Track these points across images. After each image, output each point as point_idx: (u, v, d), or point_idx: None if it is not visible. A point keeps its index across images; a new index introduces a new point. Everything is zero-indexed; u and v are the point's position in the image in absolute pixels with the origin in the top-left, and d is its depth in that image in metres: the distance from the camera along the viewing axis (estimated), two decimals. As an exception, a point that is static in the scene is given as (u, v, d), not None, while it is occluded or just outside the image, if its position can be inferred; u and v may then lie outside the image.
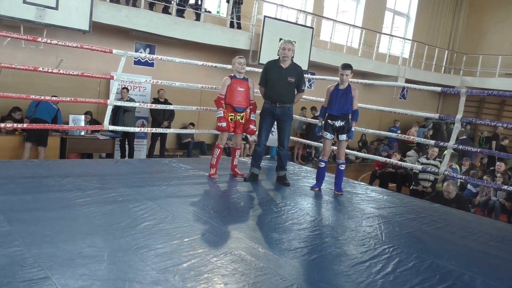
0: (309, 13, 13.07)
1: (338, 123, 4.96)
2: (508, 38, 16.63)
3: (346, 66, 4.92)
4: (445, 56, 16.54)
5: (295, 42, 5.28)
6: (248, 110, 5.22)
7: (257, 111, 5.38)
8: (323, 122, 5.08)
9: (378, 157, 8.30)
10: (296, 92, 5.22)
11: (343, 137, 5.00)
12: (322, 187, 5.18)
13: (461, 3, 18.05)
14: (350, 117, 4.98)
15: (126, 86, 9.17)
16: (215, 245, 3.11)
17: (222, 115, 5.06)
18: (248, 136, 11.14)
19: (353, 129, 5.01)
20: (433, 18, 17.30)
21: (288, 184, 5.20)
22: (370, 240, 3.56)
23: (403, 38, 15.91)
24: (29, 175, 4.37)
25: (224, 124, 5.04)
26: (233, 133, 5.32)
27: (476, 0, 17.77)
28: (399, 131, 14.44)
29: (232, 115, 5.11)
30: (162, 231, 3.22)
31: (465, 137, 11.12)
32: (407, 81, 14.36)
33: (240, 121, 5.16)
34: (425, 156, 8.68)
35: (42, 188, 3.96)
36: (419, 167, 6.74)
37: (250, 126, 5.20)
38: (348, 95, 4.91)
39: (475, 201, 8.07)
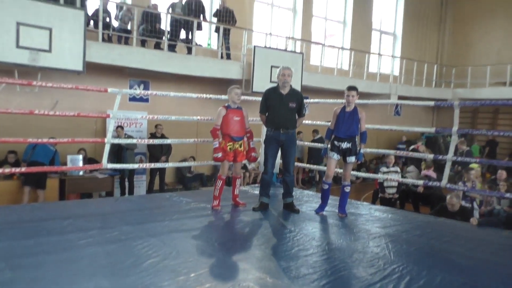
0: (297, 39, 13.28)
1: (345, 145, 4.95)
2: (494, 48, 16.90)
3: (351, 88, 4.97)
4: (435, 70, 16.75)
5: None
6: (245, 139, 5.23)
7: (260, 138, 5.38)
8: (329, 144, 5.07)
9: (379, 175, 8.27)
10: (297, 117, 5.24)
11: (351, 159, 4.98)
12: (326, 209, 5.14)
13: (445, 17, 18.42)
14: (357, 139, 4.98)
15: (120, 125, 9.20)
16: (222, 278, 3.05)
17: (217, 145, 5.07)
18: (247, 164, 11.21)
19: (362, 151, 5.00)
20: (419, 34, 17.60)
21: (298, 211, 5.13)
22: (379, 260, 3.52)
23: (392, 56, 16.14)
24: (29, 219, 4.32)
25: (220, 155, 5.05)
26: (232, 163, 5.31)
27: (459, 14, 18.13)
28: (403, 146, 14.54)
29: (230, 145, 5.11)
30: (167, 267, 3.17)
31: (468, 148, 11.10)
32: (400, 97, 14.48)
33: (239, 149, 5.16)
34: (384, 165, 8.74)
35: (43, 232, 3.91)
36: (384, 176, 6.95)
37: (252, 154, 5.23)
38: (355, 117, 4.93)
39: (479, 212, 8.00)
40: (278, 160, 5.85)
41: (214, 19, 11.14)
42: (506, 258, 3.79)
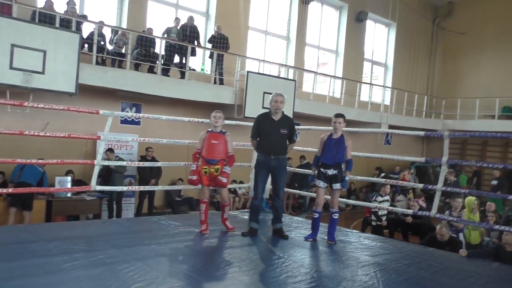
0: (290, 66, 13.48)
1: (331, 172, 4.98)
2: (483, 81, 17.25)
3: (339, 115, 5.04)
4: (425, 101, 17.01)
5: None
6: (224, 163, 5.17)
7: (251, 163, 5.38)
8: (316, 171, 5.09)
9: (369, 203, 8.27)
10: (288, 143, 5.27)
11: (336, 186, 5.01)
12: (315, 237, 5.11)
13: (435, 50, 18.83)
14: (343, 166, 5.01)
15: (110, 147, 9.15)
16: (208, 304, 3.00)
17: (194, 168, 5.08)
18: (237, 189, 11.17)
19: (347, 178, 5.03)
20: (410, 65, 17.95)
21: (287, 237, 5.11)
22: (367, 289, 3.48)
23: (383, 86, 16.39)
24: (14, 241, 4.24)
25: (194, 177, 5.07)
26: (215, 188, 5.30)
27: (450, 47, 18.56)
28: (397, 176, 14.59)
29: (206, 168, 5.09)
30: (153, 292, 3.11)
31: (456, 179, 11.20)
32: (390, 127, 14.62)
33: (215, 173, 5.10)
34: (379, 194, 8.85)
35: (27, 254, 3.83)
36: (379, 205, 6.95)
37: (219, 177, 5.07)
38: (341, 145, 4.98)
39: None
40: (268, 186, 5.84)
41: (209, 45, 11.28)
42: (495, 290, 3.78)
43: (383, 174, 14.31)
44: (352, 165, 5.04)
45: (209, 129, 5.22)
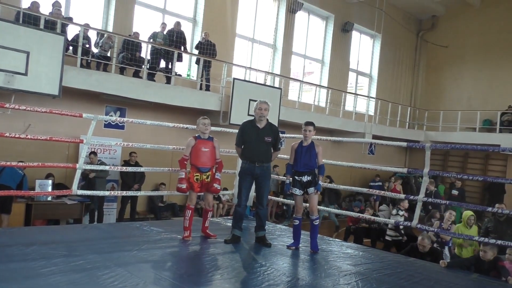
0: (277, 74, 13.54)
1: (305, 178, 5.03)
2: (465, 94, 17.59)
3: (309, 123, 5.10)
4: (408, 113, 17.25)
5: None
6: (214, 170, 5.21)
7: (236, 171, 5.37)
8: (290, 179, 5.13)
9: (351, 212, 8.31)
10: (272, 151, 5.28)
11: (311, 190, 5.05)
12: (298, 245, 5.12)
13: (418, 63, 19.14)
14: (316, 171, 5.05)
15: (94, 151, 9.05)
16: (189, 311, 2.97)
17: (183, 176, 5.07)
18: (221, 195, 11.13)
19: (320, 182, 5.07)
20: (394, 77, 18.21)
21: (270, 245, 5.11)
22: (348, 298, 3.49)
23: (367, 96, 16.57)
24: (-9, 245, 4.15)
25: (184, 186, 5.05)
26: (201, 194, 5.27)
27: (433, 60, 18.89)
28: (380, 184, 14.70)
29: (197, 175, 5.10)
30: (133, 299, 3.07)
31: (436, 189, 11.34)
32: (374, 137, 14.76)
33: (206, 180, 5.13)
34: (398, 208, 8.78)
35: (4, 258, 3.75)
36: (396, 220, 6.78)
37: (214, 184, 5.17)
38: (312, 151, 5.04)
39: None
40: (252, 193, 5.83)
41: (196, 51, 11.27)
42: (474, 300, 3.82)
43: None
44: (324, 170, 5.12)
45: (196, 135, 5.20)
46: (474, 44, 17.38)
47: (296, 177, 5.07)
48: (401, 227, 8.18)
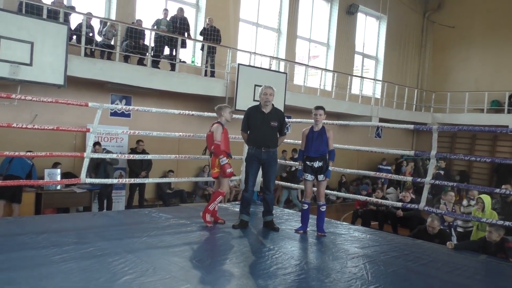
0: (282, 59, 13.45)
1: (317, 164, 5.01)
2: (472, 75, 17.39)
3: (319, 107, 5.07)
4: (415, 95, 17.10)
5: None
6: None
7: (242, 156, 5.40)
8: (302, 164, 5.12)
9: (359, 196, 8.33)
10: (278, 136, 5.27)
11: (321, 177, 5.04)
12: (306, 229, 5.14)
13: (425, 44, 18.91)
14: (327, 157, 5.05)
15: (97, 141, 9.05)
16: (199, 296, 3.01)
17: (227, 161, 5.06)
18: (229, 181, 11.14)
19: (330, 168, 5.06)
20: (400, 59, 18.01)
21: (277, 229, 5.14)
22: (356, 281, 3.52)
23: (374, 79, 16.45)
24: (2, 234, 4.21)
25: (231, 170, 5.08)
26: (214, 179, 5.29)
27: (439, 41, 18.65)
28: (389, 167, 14.67)
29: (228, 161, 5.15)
30: (143, 284, 3.12)
31: (438, 171, 11.26)
32: (381, 120, 14.70)
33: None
34: (469, 197, 7.65)
35: (16, 247, 3.81)
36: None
37: (227, 170, 5.14)
38: (323, 136, 5.01)
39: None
40: (259, 179, 5.85)
41: (200, 37, 11.21)
42: (481, 283, 3.84)
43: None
44: (334, 155, 5.10)
45: (220, 122, 5.21)
46: (481, 24, 17.12)
47: (308, 163, 5.06)
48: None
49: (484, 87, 16.31)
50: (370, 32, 17.28)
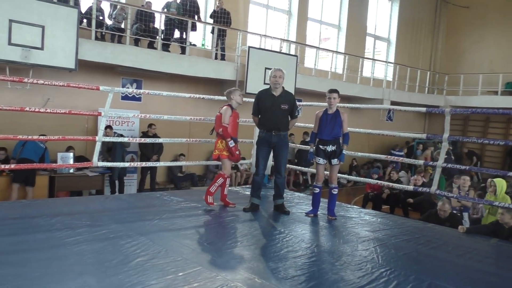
0: (292, 41, 13.32)
1: (330, 148, 4.98)
2: (486, 57, 17.07)
3: (333, 90, 5.01)
4: (428, 77, 16.87)
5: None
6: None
7: (253, 140, 5.39)
8: (315, 147, 5.09)
9: (370, 179, 8.29)
10: (289, 119, 5.25)
11: (335, 161, 5.02)
12: (316, 213, 5.15)
13: (438, 25, 18.57)
14: (341, 140, 5.01)
15: (109, 125, 9.11)
16: (210, 278, 3.04)
17: (234, 144, 5.07)
18: (239, 165, 11.21)
19: (344, 152, 5.03)
20: (412, 41, 17.73)
21: (288, 213, 5.15)
22: (367, 264, 3.53)
23: (385, 61, 16.23)
24: (17, 216, 4.29)
25: (238, 153, 5.11)
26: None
27: (453, 22, 18.30)
28: (402, 153, 14.57)
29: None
30: (155, 266, 3.16)
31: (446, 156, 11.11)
32: (392, 103, 14.56)
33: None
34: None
35: (31, 229, 3.88)
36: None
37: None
38: (337, 119, 4.97)
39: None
40: (270, 162, 5.85)
41: (210, 20, 11.13)
42: (492, 266, 3.82)
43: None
44: (348, 139, 5.05)
45: (230, 105, 5.16)
46: (496, 4, 16.73)
47: (320, 146, 5.03)
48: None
49: (499, 68, 16.03)
50: (382, 13, 16.99)
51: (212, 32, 10.96)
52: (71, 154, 8.76)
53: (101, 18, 9.37)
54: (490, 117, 16.68)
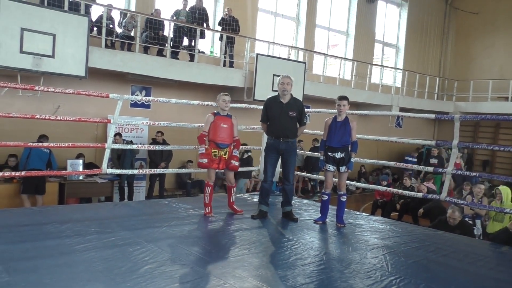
0: (300, 48, 13.35)
1: (338, 155, 4.97)
2: (497, 62, 16.95)
3: (342, 97, 5.00)
4: (437, 83, 16.78)
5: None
6: (231, 147, 5.19)
7: (261, 147, 5.36)
8: (324, 155, 5.08)
9: (379, 186, 8.25)
10: (298, 126, 5.25)
11: (343, 168, 5.01)
12: (325, 220, 5.13)
13: (448, 31, 18.49)
14: (349, 148, 5.00)
15: (118, 132, 9.18)
16: (218, 286, 3.04)
17: (203, 151, 5.06)
18: (253, 173, 11.20)
19: (352, 160, 5.02)
20: (421, 47, 17.67)
21: (296, 220, 5.13)
22: (376, 272, 3.50)
23: (394, 68, 16.19)
24: (28, 223, 4.32)
25: (205, 161, 5.04)
26: (222, 170, 5.29)
27: (462, 28, 18.21)
28: (414, 159, 14.45)
29: (215, 152, 5.08)
30: (163, 274, 3.16)
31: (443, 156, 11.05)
32: (401, 109, 14.50)
33: (224, 156, 5.11)
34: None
35: (41, 236, 3.90)
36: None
37: (232, 161, 5.14)
38: (347, 126, 4.96)
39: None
40: (278, 169, 5.84)
41: (219, 28, 11.20)
42: (504, 274, 3.77)
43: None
44: (357, 147, 5.03)
45: (215, 112, 5.19)
46: (505, 9, 16.64)
47: (329, 153, 5.02)
48: None
49: (509, 74, 15.90)
50: (391, 20, 16.97)
51: (221, 39, 11.02)
52: (81, 161, 8.84)
53: (111, 26, 9.48)
54: (500, 123, 16.52)
